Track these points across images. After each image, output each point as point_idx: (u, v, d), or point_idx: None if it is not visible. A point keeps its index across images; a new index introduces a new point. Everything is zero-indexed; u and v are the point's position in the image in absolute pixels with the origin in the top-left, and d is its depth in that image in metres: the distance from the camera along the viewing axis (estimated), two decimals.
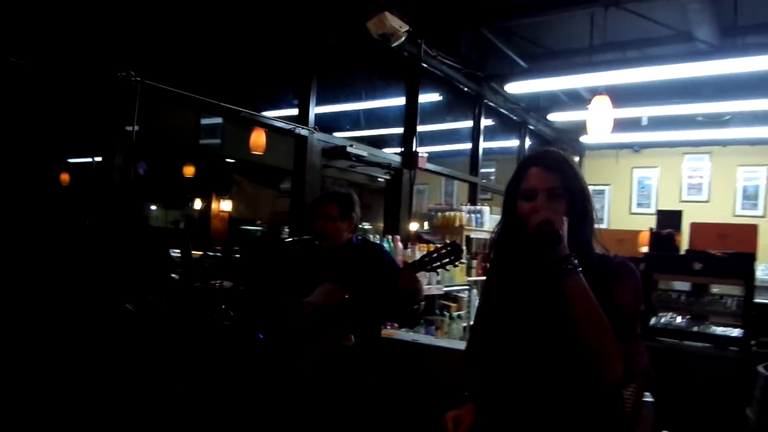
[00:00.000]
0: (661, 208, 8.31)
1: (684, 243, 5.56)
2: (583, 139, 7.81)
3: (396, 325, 3.13)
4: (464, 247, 4.58)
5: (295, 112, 3.63)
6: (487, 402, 1.50)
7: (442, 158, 6.21)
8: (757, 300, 3.45)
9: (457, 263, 2.10)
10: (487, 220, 5.18)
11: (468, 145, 6.09)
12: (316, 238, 2.42)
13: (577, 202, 1.40)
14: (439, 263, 2.09)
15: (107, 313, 2.27)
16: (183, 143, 6.57)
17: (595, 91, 5.43)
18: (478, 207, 5.18)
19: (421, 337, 3.06)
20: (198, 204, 7.43)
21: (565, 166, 1.43)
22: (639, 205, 8.76)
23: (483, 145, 6.04)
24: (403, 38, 3.97)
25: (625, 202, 8.87)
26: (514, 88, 5.30)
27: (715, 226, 4.35)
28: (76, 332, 2.29)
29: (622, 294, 1.32)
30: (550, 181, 1.39)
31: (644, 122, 7.20)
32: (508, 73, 5.45)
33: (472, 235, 4.96)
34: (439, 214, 4.92)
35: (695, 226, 4.22)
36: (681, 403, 2.45)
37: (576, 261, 1.30)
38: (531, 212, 1.38)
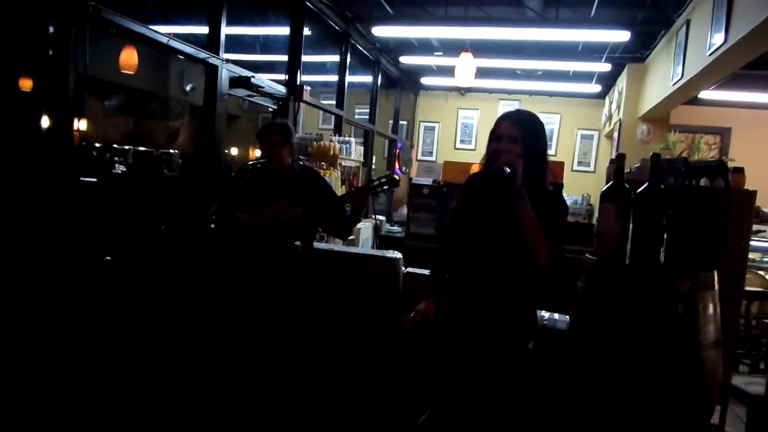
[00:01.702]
0: (479, 145, 9.81)
1: None
2: (422, 80, 8.76)
3: None
4: (339, 174, 5.19)
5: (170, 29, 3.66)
6: (446, 292, 2.17)
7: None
8: None
9: (393, 189, 2.73)
10: (354, 150, 5.82)
11: (327, 77, 6.54)
12: (266, 162, 2.85)
13: (531, 148, 2.04)
14: (381, 189, 2.69)
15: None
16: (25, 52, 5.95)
17: (445, 42, 6.27)
18: (347, 138, 5.77)
19: (334, 246, 3.67)
20: (45, 122, 6.82)
21: (527, 122, 2.08)
22: (462, 141, 10.13)
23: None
24: None
25: (451, 138, 10.17)
26: (381, 31, 5.87)
27: None
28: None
29: (560, 215, 2.11)
30: (512, 131, 2.03)
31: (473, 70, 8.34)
32: (374, 16, 5.99)
33: (343, 163, 5.56)
34: (314, 143, 5.40)
35: None
36: None
37: (524, 191, 1.96)
38: (495, 151, 2.03)
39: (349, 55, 6.38)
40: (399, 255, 3.42)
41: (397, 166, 8.98)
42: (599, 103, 9.33)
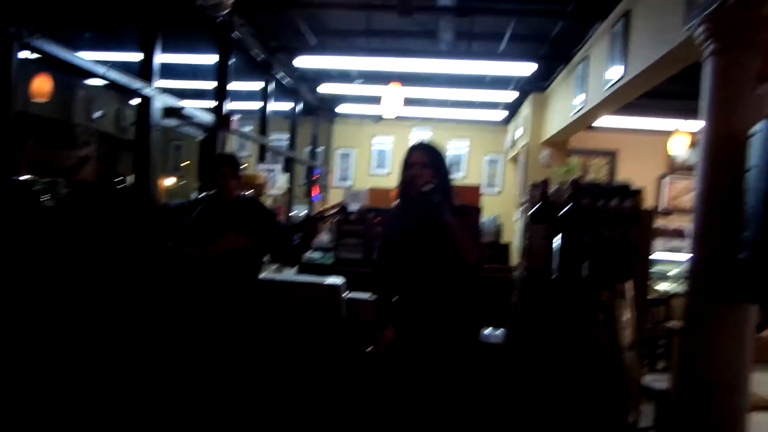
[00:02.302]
0: (395, 170, 10.18)
1: None
2: (339, 108, 8.97)
3: None
4: (271, 202, 5.22)
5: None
6: (397, 314, 2.35)
7: None
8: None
9: (342, 217, 2.85)
10: (279, 178, 5.86)
11: (245, 104, 6.54)
12: (217, 193, 2.87)
13: (440, 172, 2.36)
14: (331, 217, 2.80)
15: None
16: None
17: (363, 72, 6.51)
18: (272, 166, 5.80)
19: (276, 275, 3.71)
20: None
21: (433, 150, 2.42)
22: (378, 167, 10.41)
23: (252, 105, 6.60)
24: (228, 10, 4.33)
25: (367, 164, 10.42)
26: (302, 62, 6.01)
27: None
28: None
29: (473, 224, 2.36)
30: (422, 159, 2.36)
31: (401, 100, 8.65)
32: (295, 45, 6.11)
33: (270, 191, 5.58)
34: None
35: None
36: None
37: (446, 203, 2.27)
38: (412, 176, 2.33)
39: (271, 84, 6.44)
40: (341, 281, 3.53)
41: (315, 192, 9.07)
42: (504, 129, 9.98)
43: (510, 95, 7.44)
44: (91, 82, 4.21)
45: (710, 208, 2.57)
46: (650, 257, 3.45)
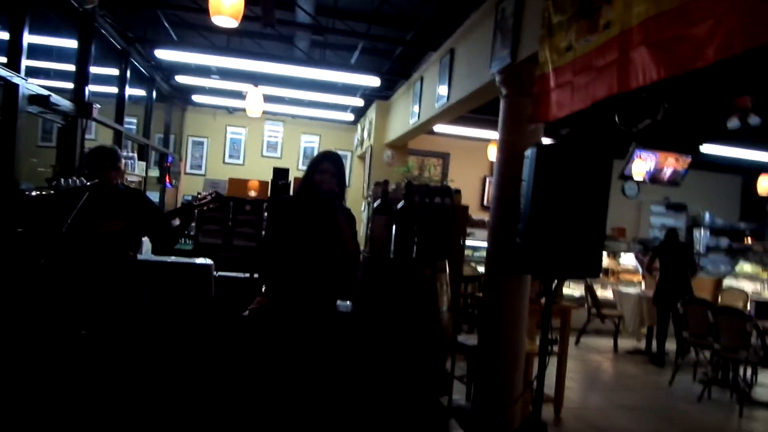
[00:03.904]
0: (248, 161, 10.55)
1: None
2: (194, 98, 9.09)
3: None
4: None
5: None
6: (278, 291, 2.92)
7: None
8: None
9: (217, 205, 3.32)
10: (137, 166, 6.02)
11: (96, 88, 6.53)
12: (99, 182, 3.18)
13: (340, 180, 2.99)
14: (207, 204, 3.27)
15: None
16: None
17: (221, 68, 6.85)
18: (131, 153, 5.94)
19: (150, 257, 4.04)
20: None
21: (338, 161, 3.02)
22: (230, 156, 10.64)
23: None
24: (95, 4, 4.50)
25: (219, 153, 10.60)
26: (164, 54, 6.19)
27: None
28: None
29: (353, 224, 3.01)
30: (331, 168, 2.95)
31: (244, 93, 8.98)
32: (154, 38, 6.27)
33: (129, 178, 5.74)
34: None
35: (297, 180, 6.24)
36: None
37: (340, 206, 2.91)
38: (322, 181, 2.90)
39: (127, 72, 6.50)
40: (211, 261, 4.00)
41: (167, 179, 9.11)
42: (353, 128, 10.81)
43: (358, 101, 8.24)
44: None
45: (501, 208, 3.52)
46: (464, 242, 4.42)
